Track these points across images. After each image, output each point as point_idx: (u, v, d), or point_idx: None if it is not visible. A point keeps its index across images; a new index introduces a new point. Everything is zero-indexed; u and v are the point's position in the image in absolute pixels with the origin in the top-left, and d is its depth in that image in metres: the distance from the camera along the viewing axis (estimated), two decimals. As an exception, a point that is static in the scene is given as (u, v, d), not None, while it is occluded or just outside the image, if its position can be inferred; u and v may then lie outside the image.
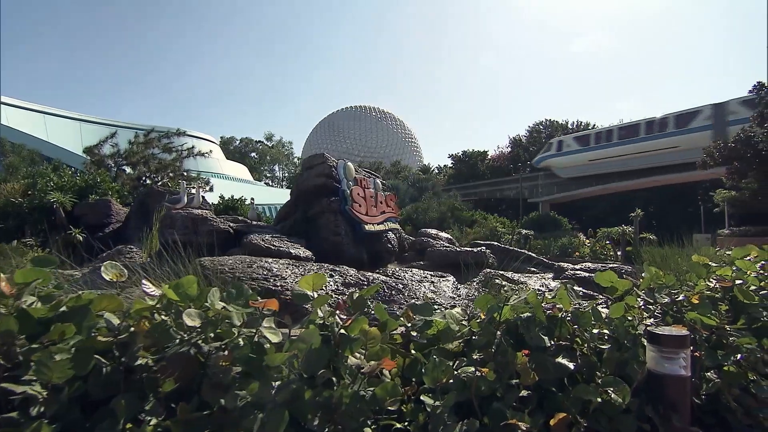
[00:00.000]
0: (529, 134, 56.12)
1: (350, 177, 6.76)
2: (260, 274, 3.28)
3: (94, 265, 5.71)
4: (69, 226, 7.25)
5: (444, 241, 10.43)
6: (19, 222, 7.36)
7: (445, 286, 5.26)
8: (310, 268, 3.82)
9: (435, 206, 17.01)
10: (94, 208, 7.76)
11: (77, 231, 7.22)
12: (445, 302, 3.78)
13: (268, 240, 5.02)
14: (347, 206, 6.47)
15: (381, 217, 7.58)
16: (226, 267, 3.29)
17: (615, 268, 6.22)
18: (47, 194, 7.45)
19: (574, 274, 6.09)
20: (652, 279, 2.34)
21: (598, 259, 10.01)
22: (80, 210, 7.71)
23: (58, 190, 7.76)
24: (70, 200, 7.66)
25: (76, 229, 7.25)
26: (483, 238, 14.08)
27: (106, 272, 1.76)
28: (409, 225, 16.84)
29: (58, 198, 7.38)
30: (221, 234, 5.27)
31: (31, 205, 7.39)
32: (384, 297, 3.54)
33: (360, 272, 4.06)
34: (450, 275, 5.85)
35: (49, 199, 7.32)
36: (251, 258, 3.67)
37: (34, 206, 7.38)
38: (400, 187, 37.03)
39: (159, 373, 1.45)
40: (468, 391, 1.53)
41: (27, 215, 7.41)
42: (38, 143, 21.92)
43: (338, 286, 3.64)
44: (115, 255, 6.32)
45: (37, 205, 7.39)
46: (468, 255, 7.61)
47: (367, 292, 2.05)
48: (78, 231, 7.23)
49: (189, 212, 5.28)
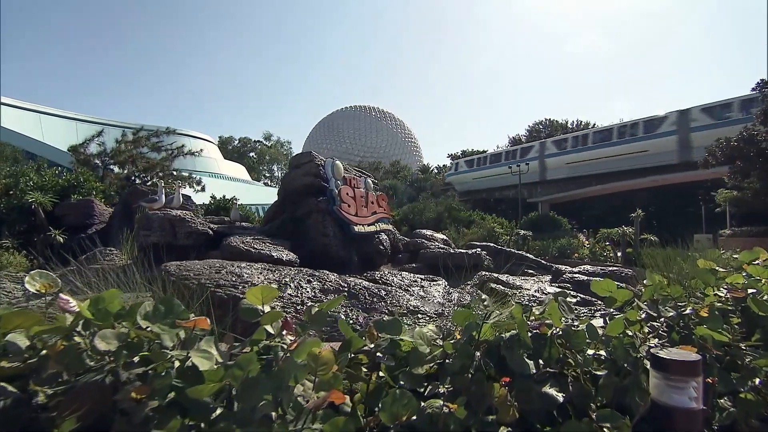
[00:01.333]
0: (528, 134, 55.91)
1: (339, 176, 6.50)
2: (228, 281, 3.02)
3: (63, 271, 5.47)
4: (49, 227, 7.00)
5: (439, 242, 10.17)
6: (-2, 222, 7.13)
7: (435, 291, 5.00)
8: (286, 274, 3.56)
9: (432, 206, 16.74)
10: (76, 208, 7.50)
11: (57, 232, 6.96)
12: (431, 310, 3.52)
13: (248, 242, 4.76)
14: (335, 206, 6.21)
15: (372, 217, 7.32)
16: (192, 273, 3.03)
17: (615, 271, 5.96)
18: (26, 194, 7.18)
19: (572, 277, 5.84)
20: (655, 289, 2.07)
21: (598, 261, 9.75)
22: (61, 210, 7.46)
23: (39, 190, 7.50)
24: (50, 200, 7.40)
25: (56, 230, 6.98)
26: (480, 238, 13.82)
27: (31, 283, 1.50)
28: (405, 225, 16.58)
29: (36, 198, 7.12)
30: (200, 236, 5.00)
31: (9, 205, 7.13)
32: (364, 305, 3.28)
33: (341, 277, 3.80)
34: (441, 279, 5.59)
35: (27, 200, 7.06)
36: (221, 263, 3.42)
37: (12, 206, 7.13)
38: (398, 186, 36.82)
39: (62, 407, 1.18)
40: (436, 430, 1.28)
41: (5, 216, 7.15)
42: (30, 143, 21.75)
43: (315, 293, 3.38)
44: (93, 258, 6.06)
45: (15, 206, 7.13)
46: (462, 257, 7.35)
47: (329, 305, 1.79)
48: (58, 232, 6.97)
49: (166, 213, 5.02)
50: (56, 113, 40.67)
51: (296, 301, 3.21)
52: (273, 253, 4.83)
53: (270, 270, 3.59)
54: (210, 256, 4.90)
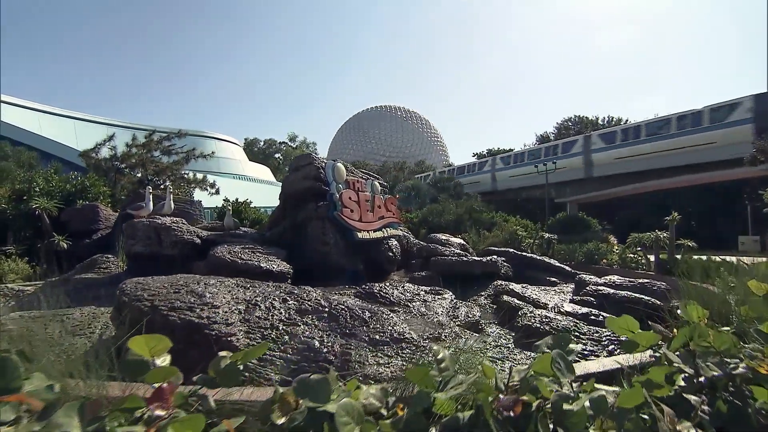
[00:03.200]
0: (557, 131, 54.06)
1: (341, 179, 6.10)
2: (185, 302, 2.67)
3: (46, 282, 5.33)
4: (53, 233, 6.95)
5: (456, 247, 9.61)
6: (3, 229, 7.14)
7: (438, 307, 4.53)
8: (260, 291, 3.19)
9: (451, 208, 16.13)
10: (81, 213, 7.46)
11: (61, 238, 6.90)
12: (422, 336, 3.06)
13: (235, 252, 4.43)
14: (336, 212, 5.82)
15: (379, 222, 6.90)
16: (147, 293, 2.70)
17: (645, 284, 5.29)
18: (32, 200, 7.18)
19: (596, 290, 5.21)
20: (692, 332, 1.55)
21: (628, 268, 8.95)
22: (67, 216, 7.42)
23: (46, 196, 7.50)
24: (55, 206, 7.38)
25: (61, 236, 6.92)
26: (502, 242, 13.15)
27: None
28: (424, 228, 16.07)
29: (41, 204, 7.10)
30: (186, 245, 4.72)
31: (16, 211, 7.15)
32: (344, 330, 2.86)
33: (325, 294, 3.40)
34: (448, 292, 5.10)
35: (31, 205, 7.05)
36: (187, 279, 3.08)
37: (18, 212, 7.14)
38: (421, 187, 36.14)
39: None
40: None
41: (11, 222, 7.18)
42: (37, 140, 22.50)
43: (290, 314, 2.98)
44: (89, 265, 5.92)
45: (22, 211, 7.14)
46: (476, 265, 6.82)
47: (249, 354, 1.39)
48: (62, 238, 6.91)
49: (152, 221, 4.78)
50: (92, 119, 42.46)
51: (265, 325, 2.82)
52: (262, 264, 4.49)
53: (242, 287, 3.23)
54: (196, 266, 4.61)
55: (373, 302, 4.55)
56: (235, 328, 2.68)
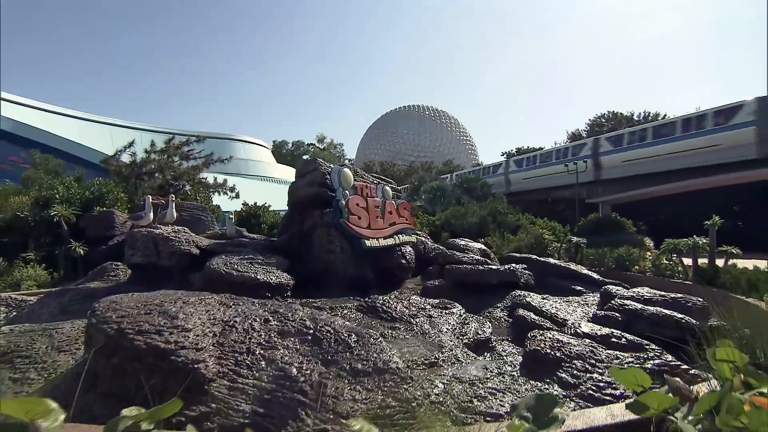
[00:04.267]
0: (589, 128, 51.95)
1: (347, 185, 5.87)
2: (154, 325, 2.49)
3: (48, 292, 5.37)
4: (70, 240, 7.09)
5: (476, 252, 9.17)
6: (24, 236, 7.36)
7: (444, 323, 4.21)
8: (241, 311, 2.98)
9: (475, 210, 15.60)
10: (98, 220, 7.58)
11: (78, 244, 7.01)
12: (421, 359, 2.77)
13: (231, 264, 4.28)
14: (342, 219, 5.58)
15: (389, 229, 6.62)
16: (115, 315, 2.54)
17: (679, 300, 4.76)
18: (51, 207, 7.37)
19: (621, 305, 4.72)
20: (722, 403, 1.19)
21: (663, 276, 8.28)
22: (84, 222, 7.57)
23: (65, 203, 7.68)
24: (73, 212, 7.54)
25: (77, 242, 7.04)
26: (527, 246, 12.59)
27: None
28: (446, 231, 15.64)
29: (59, 211, 7.26)
30: (183, 256, 4.61)
31: (36, 218, 7.35)
32: (325, 356, 2.61)
33: (313, 313, 3.16)
34: (456, 305, 4.77)
35: (48, 213, 7.23)
36: (163, 298, 2.91)
37: (39, 219, 7.34)
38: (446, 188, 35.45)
39: None
40: None
41: (32, 229, 7.39)
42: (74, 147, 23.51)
43: (270, 337, 2.76)
44: (99, 273, 5.96)
45: (42, 219, 7.34)
46: (493, 275, 6.41)
47: (151, 416, 1.16)
48: (79, 244, 7.02)
49: (150, 231, 4.70)
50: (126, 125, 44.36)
51: (240, 349, 2.61)
52: (259, 276, 4.31)
53: (224, 305, 3.04)
54: (193, 278, 4.49)
55: (374, 317, 4.29)
56: (206, 354, 2.48)
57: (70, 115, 39.66)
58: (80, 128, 38.67)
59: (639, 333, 4.32)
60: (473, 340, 4.14)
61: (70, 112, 39.53)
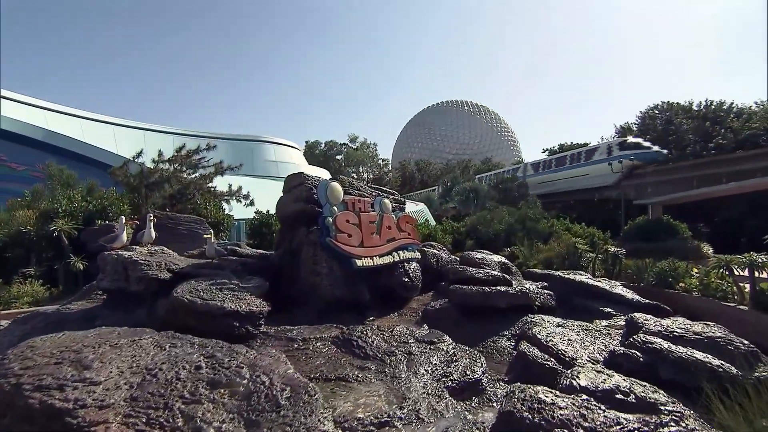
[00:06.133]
0: (641, 121, 48.70)
1: (336, 200, 5.58)
2: (59, 378, 2.30)
3: (21, 315, 5.41)
4: (70, 254, 7.27)
5: (493, 266, 8.58)
6: (27, 251, 7.63)
7: (425, 362, 3.81)
8: (174, 355, 2.75)
9: (502, 216, 14.85)
10: (98, 234, 7.70)
11: (77, 259, 7.16)
12: (369, 418, 2.43)
13: (196, 292, 4.10)
14: (328, 238, 5.30)
15: (388, 246, 6.28)
16: (18, 366, 2.37)
17: (719, 341, 4.07)
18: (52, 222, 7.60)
19: (645, 342, 4.11)
20: None
21: (713, 297, 7.43)
22: (85, 236, 7.76)
23: (68, 216, 7.91)
24: (74, 227, 7.75)
25: (77, 257, 7.20)
26: (558, 257, 11.82)
27: None
28: (471, 239, 15.03)
29: (59, 226, 7.47)
30: (151, 281, 4.49)
31: (39, 233, 7.60)
32: (250, 416, 2.33)
33: (256, 358, 2.88)
34: (446, 338, 4.34)
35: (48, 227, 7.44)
36: (85, 341, 2.72)
37: (41, 234, 7.59)
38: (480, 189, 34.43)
39: None
40: None
41: (34, 243, 7.64)
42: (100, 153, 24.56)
43: (197, 387, 2.51)
44: (87, 292, 6.01)
45: (44, 234, 7.57)
46: (499, 297, 5.91)
47: None
48: (78, 259, 7.17)
49: (119, 255, 4.62)
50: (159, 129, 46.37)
51: (156, 404, 2.38)
52: (226, 304, 4.09)
53: (158, 346, 2.82)
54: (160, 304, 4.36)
55: (347, 352, 3.97)
56: (110, 413, 2.26)
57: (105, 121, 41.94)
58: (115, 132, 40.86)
59: (663, 379, 3.76)
60: (459, 382, 3.73)
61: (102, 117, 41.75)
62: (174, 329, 4.23)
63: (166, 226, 7.51)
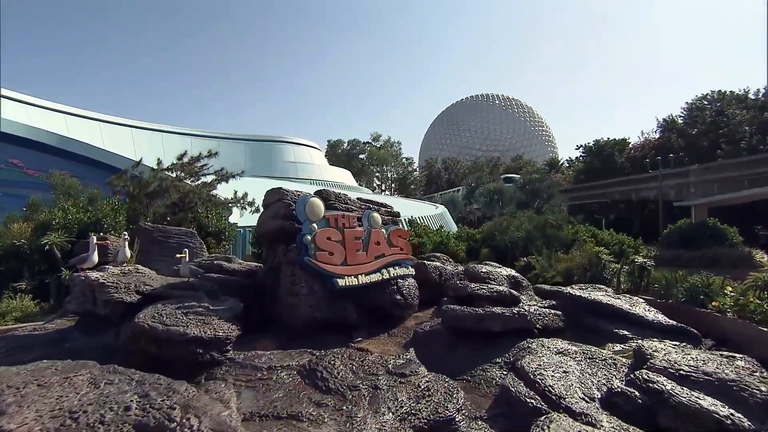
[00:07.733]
0: (687, 113, 46.44)
1: (316, 216, 5.51)
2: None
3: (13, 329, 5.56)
4: (61, 268, 7.51)
5: (501, 281, 8.31)
6: (21, 264, 7.93)
7: (392, 398, 3.67)
8: (105, 394, 2.73)
9: (523, 221, 14.42)
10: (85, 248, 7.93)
11: (68, 273, 7.39)
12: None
13: (159, 316, 4.11)
14: (307, 258, 5.23)
15: (376, 263, 6.16)
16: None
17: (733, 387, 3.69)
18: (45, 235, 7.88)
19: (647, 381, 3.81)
20: None
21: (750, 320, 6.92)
22: (78, 249, 7.98)
23: (62, 229, 8.18)
24: (65, 240, 8.00)
25: (67, 271, 7.43)
26: (580, 268, 11.36)
27: None
28: (487, 248, 14.68)
29: (50, 239, 7.73)
30: (117, 305, 4.53)
31: (32, 246, 7.89)
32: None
33: (193, 398, 2.83)
34: (420, 371, 4.18)
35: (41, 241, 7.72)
36: (7, 384, 2.71)
37: (34, 247, 7.87)
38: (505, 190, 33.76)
39: None
40: None
41: (28, 256, 7.94)
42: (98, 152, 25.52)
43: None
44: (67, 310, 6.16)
45: (37, 247, 7.86)
46: (494, 320, 5.66)
47: None
48: (69, 273, 7.40)
49: (87, 276, 4.69)
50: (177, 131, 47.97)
51: (69, 456, 2.36)
52: (189, 330, 4.08)
53: (92, 384, 2.81)
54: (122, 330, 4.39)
55: (310, 384, 3.88)
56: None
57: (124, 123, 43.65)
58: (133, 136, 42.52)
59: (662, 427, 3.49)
60: (427, 421, 3.57)
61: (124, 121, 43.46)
62: (137, 356, 4.27)
63: (156, 240, 7.64)
